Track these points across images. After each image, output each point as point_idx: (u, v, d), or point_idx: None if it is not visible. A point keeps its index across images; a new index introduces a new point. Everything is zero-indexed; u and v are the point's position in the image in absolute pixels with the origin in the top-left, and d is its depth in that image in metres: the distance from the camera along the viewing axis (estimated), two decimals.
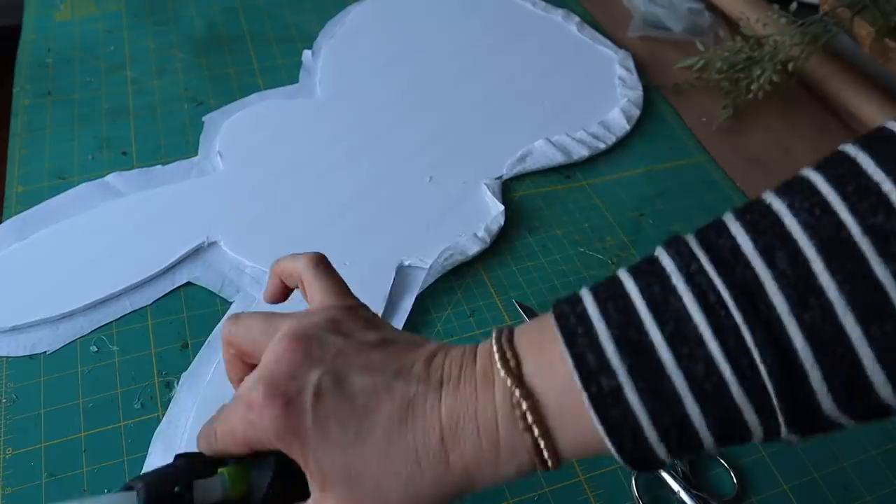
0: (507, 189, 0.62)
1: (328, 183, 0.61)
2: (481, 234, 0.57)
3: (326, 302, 0.33)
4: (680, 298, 0.25)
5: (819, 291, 0.24)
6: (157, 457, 0.44)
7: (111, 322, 0.51)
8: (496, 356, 0.28)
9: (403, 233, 0.57)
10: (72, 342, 0.49)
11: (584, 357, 0.26)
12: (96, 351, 0.49)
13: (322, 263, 0.36)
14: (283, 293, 0.38)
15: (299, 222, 0.58)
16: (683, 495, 0.44)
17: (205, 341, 0.50)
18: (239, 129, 0.65)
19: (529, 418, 0.27)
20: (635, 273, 0.27)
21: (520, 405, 0.27)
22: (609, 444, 0.26)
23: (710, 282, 0.25)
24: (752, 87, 0.70)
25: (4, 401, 0.47)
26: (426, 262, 0.55)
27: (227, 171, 0.61)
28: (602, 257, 0.58)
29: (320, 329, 0.31)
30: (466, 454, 0.28)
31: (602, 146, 0.65)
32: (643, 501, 0.44)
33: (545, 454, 0.27)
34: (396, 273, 0.54)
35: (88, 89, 0.69)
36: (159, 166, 0.61)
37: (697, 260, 0.26)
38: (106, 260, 0.54)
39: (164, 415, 0.46)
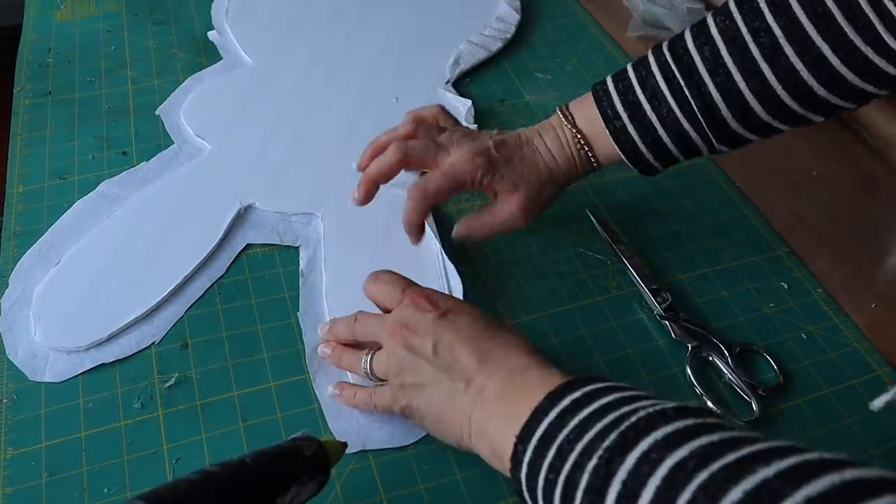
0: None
1: (315, 127, 0.66)
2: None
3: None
4: (654, 76, 0.50)
5: (724, 65, 0.47)
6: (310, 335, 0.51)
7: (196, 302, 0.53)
8: (561, 116, 0.54)
9: None
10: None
11: (606, 111, 0.52)
12: None
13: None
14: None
15: (310, 165, 0.62)
16: (730, 378, 0.51)
17: (205, 340, 0.51)
18: (201, 111, 0.66)
19: (582, 142, 0.53)
20: (633, 64, 0.52)
21: (576, 137, 0.53)
22: (621, 155, 0.52)
23: (670, 66, 0.49)
24: None
25: (5, 401, 0.47)
26: None
27: (217, 147, 0.62)
28: (602, 257, 0.58)
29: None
30: (561, 161, 0.53)
31: (509, 35, 0.78)
32: (696, 382, 0.50)
33: (592, 160, 0.53)
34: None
35: (89, 89, 0.69)
36: (144, 163, 0.61)
37: (664, 55, 0.50)
38: (157, 252, 0.54)
39: (163, 414, 0.47)
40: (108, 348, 0.49)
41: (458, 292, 0.53)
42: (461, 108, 0.69)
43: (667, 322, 0.53)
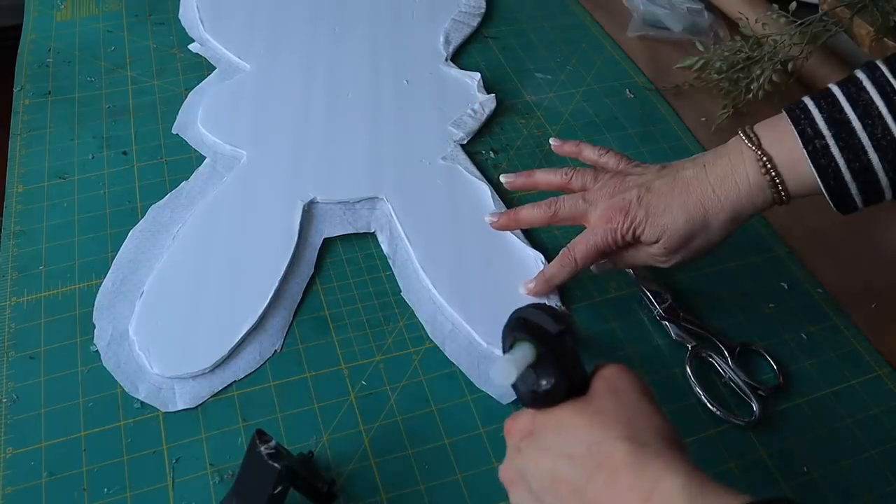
0: (507, 190, 0.62)
1: (342, 116, 0.67)
2: (476, 106, 0.69)
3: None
4: (867, 92, 0.43)
5: None
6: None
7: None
8: (743, 138, 0.47)
9: (430, 125, 0.67)
10: (71, 343, 0.50)
11: (805, 130, 0.44)
12: (96, 350, 0.49)
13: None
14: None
15: (355, 152, 0.63)
16: (730, 378, 0.51)
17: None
18: (220, 121, 0.64)
19: (768, 166, 0.46)
20: (838, 83, 0.45)
21: (761, 160, 0.46)
22: (820, 184, 0.44)
23: (888, 81, 0.43)
24: (752, 87, 0.70)
25: (5, 401, 0.47)
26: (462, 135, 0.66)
27: (253, 152, 0.62)
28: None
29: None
30: (731, 196, 0.47)
31: (482, 10, 0.81)
32: (696, 382, 0.50)
33: (780, 190, 0.46)
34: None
35: (89, 89, 0.69)
36: (183, 182, 0.60)
37: (879, 69, 0.44)
38: (240, 263, 0.54)
39: (163, 414, 0.47)
40: (235, 365, 0.49)
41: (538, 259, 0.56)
42: (470, 81, 0.71)
43: (667, 322, 0.53)
